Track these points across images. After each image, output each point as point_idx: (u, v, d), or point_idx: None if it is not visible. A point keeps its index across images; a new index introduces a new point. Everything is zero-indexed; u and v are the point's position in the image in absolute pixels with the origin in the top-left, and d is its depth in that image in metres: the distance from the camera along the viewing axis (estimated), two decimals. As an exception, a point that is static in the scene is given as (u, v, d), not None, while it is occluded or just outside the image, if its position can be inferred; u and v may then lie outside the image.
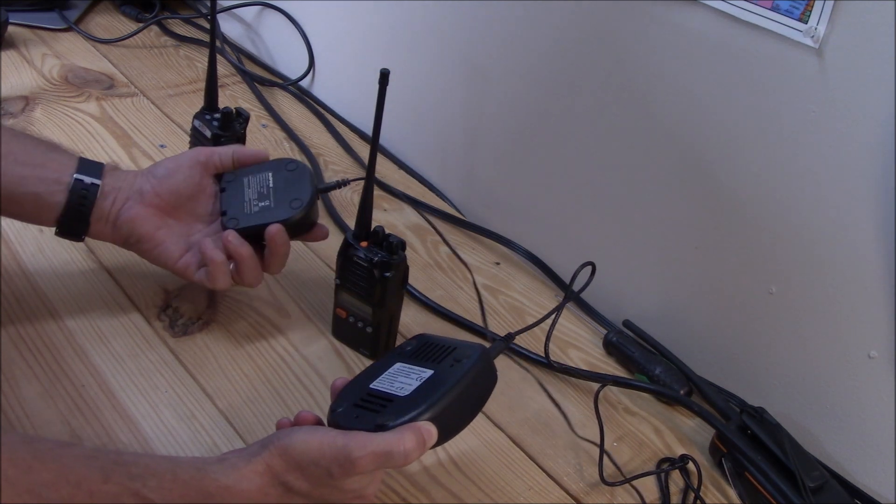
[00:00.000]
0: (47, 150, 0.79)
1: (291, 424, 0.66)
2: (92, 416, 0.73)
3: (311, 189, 0.82)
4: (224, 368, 0.81)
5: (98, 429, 0.73)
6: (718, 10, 0.77)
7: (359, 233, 0.81)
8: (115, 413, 0.74)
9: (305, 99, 1.30)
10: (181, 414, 0.76)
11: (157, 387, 0.78)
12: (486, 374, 0.68)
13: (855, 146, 0.72)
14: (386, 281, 0.79)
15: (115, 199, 0.79)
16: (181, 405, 0.77)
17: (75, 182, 0.77)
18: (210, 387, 0.79)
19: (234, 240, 0.79)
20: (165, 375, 0.79)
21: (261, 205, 0.81)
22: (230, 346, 0.84)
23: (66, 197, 0.77)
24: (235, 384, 0.80)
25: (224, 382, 0.80)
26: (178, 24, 1.43)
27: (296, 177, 0.83)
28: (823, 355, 0.80)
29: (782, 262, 0.80)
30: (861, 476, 0.80)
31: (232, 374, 0.81)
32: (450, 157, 1.13)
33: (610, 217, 0.95)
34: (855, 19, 0.69)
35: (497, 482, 0.75)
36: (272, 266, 0.81)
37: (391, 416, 0.62)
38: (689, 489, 0.77)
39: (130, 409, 0.75)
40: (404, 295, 0.86)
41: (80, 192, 0.77)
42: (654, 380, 0.87)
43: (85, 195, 0.77)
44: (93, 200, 0.78)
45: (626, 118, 0.89)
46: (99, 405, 0.75)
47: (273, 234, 0.79)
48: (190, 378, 0.80)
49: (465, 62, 1.05)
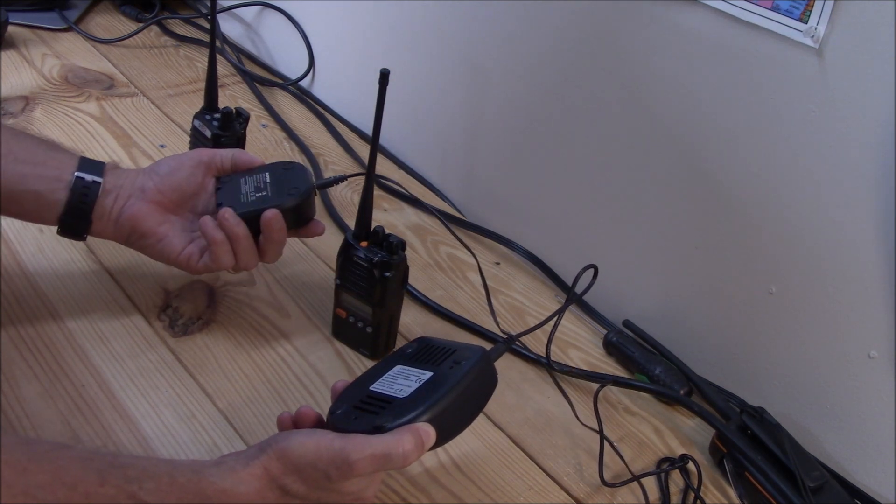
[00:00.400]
0: (48, 149, 0.79)
1: (292, 419, 0.66)
2: (92, 416, 0.73)
3: (308, 181, 0.82)
4: (224, 368, 0.81)
5: (98, 429, 0.73)
6: (718, 10, 0.77)
7: (359, 233, 0.81)
8: (115, 413, 0.74)
9: (305, 99, 1.30)
10: (181, 414, 0.76)
11: (157, 387, 0.78)
12: (486, 375, 0.68)
13: (855, 146, 0.72)
14: (386, 281, 0.79)
15: (117, 196, 0.79)
16: (181, 405, 0.77)
17: (76, 180, 0.77)
18: (210, 387, 0.79)
19: (230, 217, 0.78)
20: (165, 375, 0.79)
21: (257, 195, 0.81)
22: (230, 346, 0.84)
23: (67, 195, 0.77)
24: (235, 384, 0.80)
25: (224, 382, 0.80)
26: (178, 24, 1.43)
27: (293, 174, 0.83)
28: (823, 355, 0.80)
29: (782, 262, 0.80)
30: (861, 476, 0.80)
31: (232, 374, 0.81)
32: (450, 157, 1.13)
33: (610, 217, 0.95)
34: (855, 19, 0.69)
35: (497, 482, 0.75)
36: (268, 253, 0.81)
37: (389, 418, 0.62)
38: (690, 489, 0.77)
39: (130, 409, 0.75)
40: (404, 295, 0.86)
41: (82, 189, 0.77)
42: (654, 380, 0.87)
43: (86, 193, 0.77)
44: (94, 198, 0.78)
45: (627, 118, 0.89)
46: (99, 405, 0.75)
47: (269, 218, 0.79)
48: (190, 378, 0.80)
49: (466, 62, 1.05)
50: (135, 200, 0.79)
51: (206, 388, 0.79)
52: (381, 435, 0.61)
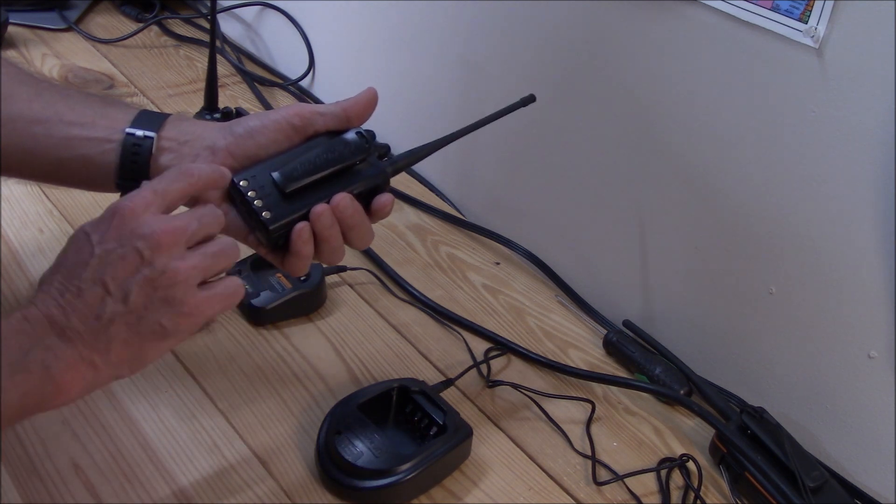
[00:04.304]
0: (100, 107, 0.69)
1: None
2: (91, 416, 0.73)
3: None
4: (224, 368, 0.81)
5: (98, 428, 0.73)
6: (718, 10, 0.77)
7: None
8: (115, 413, 0.74)
9: (305, 99, 1.30)
10: (181, 414, 0.76)
11: (157, 387, 0.78)
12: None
13: (855, 146, 0.72)
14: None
15: (180, 153, 0.67)
16: (181, 405, 0.77)
17: (126, 137, 0.67)
18: (210, 387, 0.79)
19: (350, 203, 0.66)
20: (165, 375, 0.79)
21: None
22: (230, 346, 0.84)
23: (117, 156, 0.67)
24: (235, 384, 0.80)
25: (224, 382, 0.80)
26: (178, 24, 1.43)
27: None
28: (823, 355, 0.80)
29: (782, 262, 0.80)
30: (861, 476, 0.80)
31: (232, 374, 0.81)
32: (450, 157, 1.13)
33: (610, 216, 0.95)
34: (855, 19, 0.69)
35: (497, 482, 0.75)
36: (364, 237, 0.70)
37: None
38: (690, 489, 0.77)
39: (130, 408, 0.75)
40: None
41: (132, 147, 0.66)
42: (654, 380, 0.87)
43: (137, 151, 0.67)
44: (147, 156, 0.67)
45: (626, 118, 0.89)
46: (99, 405, 0.75)
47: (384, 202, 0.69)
48: (190, 378, 0.80)
49: (465, 62, 1.05)
50: (201, 162, 0.67)
51: (206, 388, 0.79)
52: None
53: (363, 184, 0.69)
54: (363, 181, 0.69)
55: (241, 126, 0.68)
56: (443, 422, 0.74)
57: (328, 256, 0.68)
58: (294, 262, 0.67)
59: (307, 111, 0.68)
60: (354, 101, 0.69)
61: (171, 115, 0.70)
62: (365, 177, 0.69)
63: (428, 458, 0.71)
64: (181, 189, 0.61)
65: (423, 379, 0.81)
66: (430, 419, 0.75)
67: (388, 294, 0.94)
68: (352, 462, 0.69)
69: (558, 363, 0.88)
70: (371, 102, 0.70)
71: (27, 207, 0.96)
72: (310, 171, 0.67)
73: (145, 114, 0.69)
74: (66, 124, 0.67)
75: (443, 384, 0.82)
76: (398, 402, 0.77)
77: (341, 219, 0.66)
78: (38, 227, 0.92)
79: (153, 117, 0.68)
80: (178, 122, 0.69)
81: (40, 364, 0.55)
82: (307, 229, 0.65)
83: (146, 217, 0.58)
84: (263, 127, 0.68)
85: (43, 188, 0.98)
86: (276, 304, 0.86)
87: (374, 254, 0.98)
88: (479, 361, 0.86)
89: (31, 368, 0.55)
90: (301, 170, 0.66)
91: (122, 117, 0.68)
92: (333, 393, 0.80)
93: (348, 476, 0.70)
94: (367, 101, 0.70)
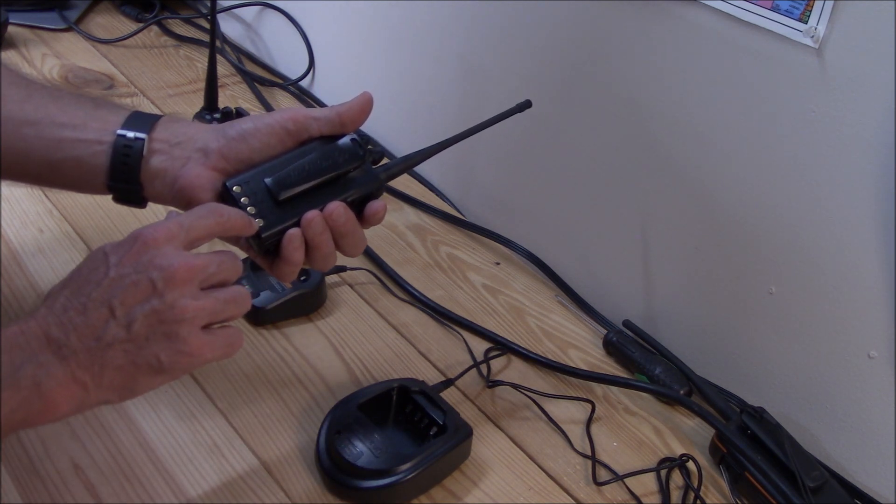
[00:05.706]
0: (92, 108, 0.69)
1: None
2: (92, 416, 0.73)
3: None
4: (224, 368, 0.81)
5: (97, 428, 0.73)
6: (718, 10, 0.77)
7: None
8: (114, 413, 0.74)
9: (305, 99, 1.30)
10: (181, 414, 0.76)
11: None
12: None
13: (855, 147, 0.72)
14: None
15: (171, 155, 0.67)
16: (181, 405, 0.77)
17: (117, 138, 0.66)
18: (210, 387, 0.79)
19: (344, 212, 0.66)
20: (165, 375, 0.79)
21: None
22: (230, 346, 0.84)
23: (108, 157, 0.66)
24: (235, 384, 0.80)
25: (224, 382, 0.80)
26: (178, 24, 1.43)
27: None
28: (823, 355, 0.80)
29: (782, 262, 0.80)
30: (861, 476, 0.80)
31: (232, 374, 0.81)
32: (450, 158, 1.13)
33: (610, 217, 0.95)
34: (855, 19, 0.69)
35: (497, 482, 0.75)
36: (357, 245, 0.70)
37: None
38: (690, 489, 0.77)
39: (130, 408, 0.75)
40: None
41: (122, 149, 0.66)
42: (654, 380, 0.87)
43: (128, 152, 0.66)
44: (138, 157, 0.66)
45: (626, 117, 0.89)
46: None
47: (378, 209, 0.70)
48: (190, 378, 0.80)
49: (465, 62, 1.05)
50: (193, 164, 0.66)
51: (206, 388, 0.79)
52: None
53: (357, 191, 0.68)
54: (357, 189, 0.68)
55: (234, 129, 0.67)
56: (443, 422, 0.74)
57: (319, 263, 0.67)
58: (283, 267, 0.67)
59: (301, 116, 0.68)
60: (349, 106, 0.69)
61: (163, 116, 0.69)
62: (359, 184, 0.69)
63: (428, 458, 0.71)
64: (208, 227, 0.61)
65: (423, 379, 0.81)
66: (430, 419, 0.75)
67: (388, 294, 0.94)
68: (352, 462, 0.69)
69: (558, 363, 0.88)
70: (366, 107, 0.69)
71: (27, 207, 0.96)
72: (304, 178, 0.66)
73: (137, 115, 0.68)
74: (57, 126, 0.67)
75: (443, 384, 0.82)
76: (398, 402, 0.77)
77: (334, 227, 0.66)
78: (38, 227, 0.92)
79: (145, 119, 0.68)
80: (170, 123, 0.69)
81: (31, 380, 0.55)
82: (298, 236, 0.65)
83: (167, 249, 0.58)
84: (257, 130, 0.67)
85: (43, 188, 0.98)
86: (276, 304, 0.86)
87: (374, 254, 0.98)
88: (479, 361, 0.86)
89: (21, 384, 0.54)
90: (295, 177, 0.66)
91: (114, 119, 0.68)
92: (333, 393, 0.80)
93: (348, 476, 0.70)
94: (361, 106, 0.69)
